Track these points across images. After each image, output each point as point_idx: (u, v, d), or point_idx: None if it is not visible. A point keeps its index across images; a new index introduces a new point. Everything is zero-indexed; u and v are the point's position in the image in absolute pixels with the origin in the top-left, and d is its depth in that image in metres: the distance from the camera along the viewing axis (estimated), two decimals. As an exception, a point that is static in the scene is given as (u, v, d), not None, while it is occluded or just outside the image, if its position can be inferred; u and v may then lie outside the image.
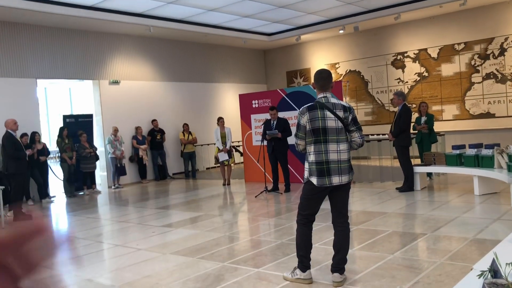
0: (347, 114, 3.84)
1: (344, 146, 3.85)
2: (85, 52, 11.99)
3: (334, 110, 3.82)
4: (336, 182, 3.81)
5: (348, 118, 3.84)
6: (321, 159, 3.81)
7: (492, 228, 5.38)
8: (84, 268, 5.01)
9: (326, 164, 3.80)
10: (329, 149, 3.81)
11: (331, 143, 3.81)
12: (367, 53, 14.70)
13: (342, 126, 3.84)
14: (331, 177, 3.80)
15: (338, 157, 3.82)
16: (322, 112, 3.83)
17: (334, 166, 3.80)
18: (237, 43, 15.26)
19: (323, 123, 3.81)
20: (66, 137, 10.82)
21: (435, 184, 9.03)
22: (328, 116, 3.81)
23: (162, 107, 13.72)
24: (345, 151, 3.85)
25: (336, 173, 3.80)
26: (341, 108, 3.85)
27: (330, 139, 3.81)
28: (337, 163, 3.81)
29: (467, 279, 1.91)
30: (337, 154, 3.82)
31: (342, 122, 3.82)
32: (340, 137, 3.84)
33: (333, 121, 3.81)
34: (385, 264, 4.34)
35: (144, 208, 8.63)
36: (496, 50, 12.36)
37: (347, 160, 3.86)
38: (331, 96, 3.92)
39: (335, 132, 3.82)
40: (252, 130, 11.13)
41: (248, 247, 5.41)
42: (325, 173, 3.80)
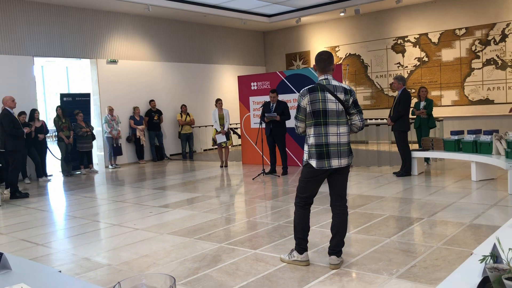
0: (348, 96, 3.80)
1: (344, 129, 3.82)
2: (82, 31, 11.85)
3: (335, 92, 3.78)
4: (336, 165, 3.79)
5: (349, 100, 3.81)
6: (321, 142, 3.78)
7: (489, 214, 5.40)
8: (81, 247, 5.02)
9: (326, 146, 3.77)
10: (329, 132, 3.78)
11: (331, 126, 3.78)
12: (368, 37, 14.59)
13: (342, 109, 3.80)
14: (330, 160, 3.78)
15: (338, 140, 3.79)
16: (323, 94, 3.78)
17: (333, 149, 3.78)
18: (236, 24, 15.11)
19: (323, 105, 3.77)
20: (62, 116, 10.75)
21: (433, 169, 9.05)
22: (328, 99, 3.77)
23: (160, 87, 13.63)
24: (345, 134, 3.82)
25: (335, 156, 3.78)
26: (342, 90, 3.80)
27: (330, 121, 3.78)
28: (336, 146, 3.78)
29: (467, 264, 1.91)
30: (337, 136, 3.79)
31: (342, 104, 3.79)
32: (340, 119, 3.80)
33: (333, 104, 3.78)
34: (382, 247, 4.36)
35: (141, 189, 8.63)
36: (498, 36, 12.28)
37: (346, 143, 3.83)
38: (332, 78, 3.87)
39: (336, 114, 3.78)
40: (250, 113, 11.09)
41: (245, 228, 5.42)
42: (324, 155, 3.77)
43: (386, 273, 3.69)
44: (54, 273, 2.04)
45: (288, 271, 3.85)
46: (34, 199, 8.17)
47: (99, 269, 4.23)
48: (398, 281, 3.51)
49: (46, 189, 9.40)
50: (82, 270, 4.21)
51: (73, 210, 7.04)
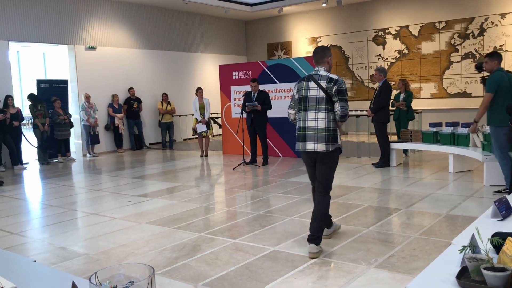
0: (330, 85, 3.93)
1: (322, 115, 3.94)
2: (60, 15, 11.56)
3: (318, 81, 3.97)
4: (311, 149, 3.97)
5: (331, 89, 3.92)
6: (300, 125, 4.05)
7: (465, 205, 5.50)
8: (57, 236, 4.93)
9: (303, 130, 4.02)
10: (307, 117, 4.00)
11: (310, 111, 3.99)
12: (349, 28, 14.63)
13: (324, 96, 3.94)
14: (306, 143, 4.00)
15: (316, 125, 3.95)
16: (307, 82, 4.04)
17: (310, 133, 3.97)
18: (218, 13, 14.96)
19: (305, 92, 4.02)
20: (38, 103, 10.51)
21: (411, 161, 9.17)
22: (311, 86, 4.00)
23: (139, 75, 13.44)
24: (323, 119, 3.94)
25: (312, 140, 3.96)
26: (325, 79, 3.97)
27: (310, 107, 4.00)
28: (314, 130, 3.96)
29: (447, 253, 1.92)
30: (314, 122, 3.96)
31: (325, 92, 3.93)
32: (320, 106, 3.96)
33: (314, 91, 3.98)
34: (361, 237, 4.39)
35: (119, 177, 8.53)
36: (476, 30, 12.45)
37: (324, 129, 3.93)
38: (323, 69, 4.07)
39: (315, 101, 3.97)
40: (231, 102, 11.03)
41: (225, 218, 5.40)
42: (301, 138, 4.03)
43: (364, 262, 3.72)
44: (29, 263, 1.99)
45: (268, 261, 3.85)
46: (9, 187, 7.99)
47: (76, 258, 4.16)
48: (377, 271, 3.54)
49: (22, 177, 9.21)
50: (58, 260, 4.14)
51: (50, 198, 6.91)
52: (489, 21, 12.22)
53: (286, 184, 7.20)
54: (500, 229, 2.13)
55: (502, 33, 12.07)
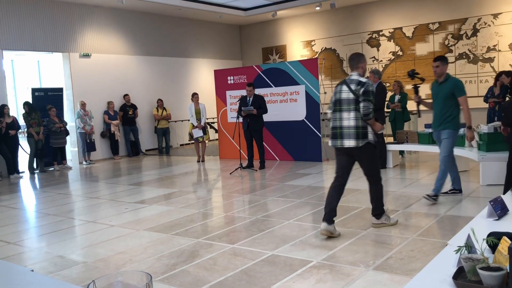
0: (358, 87, 4.46)
1: (353, 115, 4.48)
2: (54, 24, 11.57)
3: (349, 84, 4.52)
4: (346, 145, 4.52)
5: (359, 90, 4.44)
6: (336, 125, 4.60)
7: (462, 205, 5.52)
8: (55, 244, 4.91)
9: (340, 129, 4.56)
10: (342, 117, 4.55)
11: (343, 112, 4.54)
12: (343, 31, 14.68)
13: (353, 98, 4.47)
14: (342, 140, 4.55)
15: (348, 124, 4.50)
16: (341, 86, 4.61)
17: (345, 131, 4.51)
18: (212, 18, 14.99)
19: (339, 95, 4.59)
20: (31, 112, 10.47)
21: (407, 162, 9.19)
22: (343, 90, 4.56)
23: (134, 81, 13.44)
24: (353, 118, 4.47)
25: (346, 137, 4.51)
26: (355, 82, 4.50)
27: (343, 108, 4.55)
28: (347, 128, 4.51)
29: (443, 254, 1.93)
30: (347, 121, 4.51)
31: (354, 94, 4.46)
32: (351, 106, 4.49)
33: (346, 93, 4.53)
34: (359, 240, 4.40)
35: (116, 185, 8.51)
36: (469, 30, 12.52)
37: (354, 127, 4.47)
38: (356, 74, 4.59)
39: (347, 102, 4.52)
40: (227, 107, 11.04)
41: (222, 223, 5.40)
42: (338, 136, 4.57)
43: (363, 265, 3.72)
44: (26, 272, 1.99)
45: (266, 265, 3.85)
46: (6, 196, 7.96)
47: (74, 267, 4.15)
48: (375, 273, 3.55)
49: (18, 186, 9.17)
50: (56, 269, 4.12)
51: (47, 207, 6.89)
52: (482, 21, 12.29)
53: (284, 187, 7.20)
54: (496, 228, 2.14)
55: (495, 33, 12.14)
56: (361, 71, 4.61)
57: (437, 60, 5.75)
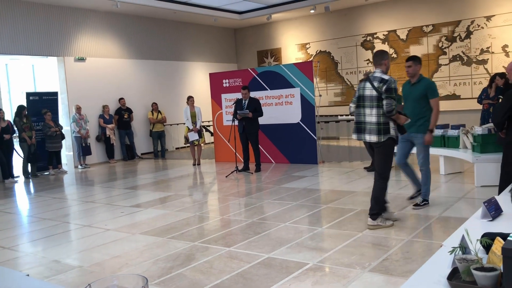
0: (381, 84, 4.61)
1: (375, 111, 4.66)
2: (49, 28, 11.54)
3: (372, 81, 4.67)
4: (367, 139, 4.76)
5: (381, 88, 4.60)
6: (359, 120, 4.83)
7: (457, 207, 5.54)
8: (50, 249, 4.90)
9: (363, 124, 4.79)
10: (364, 113, 4.77)
11: (366, 108, 4.74)
12: (337, 34, 14.73)
13: (376, 95, 4.63)
14: (364, 134, 4.79)
15: (370, 120, 4.70)
16: (364, 83, 4.79)
17: (367, 127, 4.74)
18: (207, 21, 15.01)
19: (362, 91, 4.78)
20: (24, 116, 10.43)
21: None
22: (366, 86, 4.73)
23: (129, 85, 13.43)
24: (375, 115, 4.66)
25: (368, 132, 4.74)
26: (378, 80, 4.65)
27: (365, 104, 4.74)
28: (369, 124, 4.72)
29: (438, 255, 1.94)
30: (370, 117, 4.70)
31: (376, 91, 4.63)
32: (373, 103, 4.67)
33: (369, 90, 4.70)
34: (354, 242, 4.41)
35: (112, 188, 8.49)
36: (463, 33, 12.59)
37: (376, 123, 4.67)
38: (379, 71, 4.73)
39: (369, 99, 4.70)
40: (222, 110, 11.05)
41: (218, 226, 5.40)
42: (361, 130, 4.81)
43: (359, 267, 3.73)
44: (22, 277, 1.98)
45: (263, 268, 3.85)
46: (1, 201, 7.93)
47: (70, 271, 4.13)
48: (371, 275, 3.56)
49: (13, 190, 9.13)
50: (52, 273, 4.11)
51: (42, 211, 6.86)
52: (475, 23, 12.37)
53: (279, 190, 7.21)
54: (490, 229, 2.16)
55: (488, 35, 12.22)
56: (384, 68, 4.75)
57: (409, 60, 5.54)
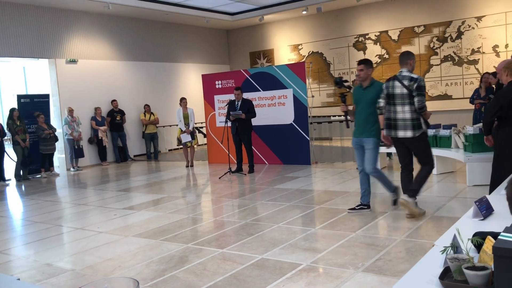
0: (411, 83, 4.88)
1: (407, 108, 4.92)
2: (40, 30, 11.48)
3: (402, 80, 4.93)
4: (401, 135, 4.98)
5: (412, 86, 4.87)
6: (390, 117, 5.04)
7: (449, 206, 5.57)
8: (42, 252, 4.86)
9: (394, 120, 5.01)
10: (396, 110, 4.98)
11: (397, 105, 4.97)
12: (329, 35, 14.77)
13: (407, 92, 4.89)
14: (396, 130, 5.01)
15: (403, 116, 4.94)
16: (393, 82, 5.03)
17: (400, 123, 4.96)
18: (199, 22, 14.99)
19: (392, 90, 5.02)
20: (17, 119, 10.36)
21: (395, 164, 9.24)
22: (396, 85, 4.99)
23: (122, 87, 13.38)
24: (408, 111, 4.90)
25: (401, 128, 4.96)
26: (408, 78, 4.92)
27: (396, 102, 4.98)
28: (402, 120, 4.94)
29: (430, 255, 1.95)
30: (402, 114, 4.94)
31: (407, 89, 4.88)
32: (405, 100, 4.93)
33: (399, 89, 4.95)
34: (347, 242, 4.42)
35: (104, 191, 8.45)
36: (454, 33, 12.68)
37: (410, 119, 4.90)
38: (405, 70, 5.00)
39: (401, 97, 4.95)
40: (215, 111, 11.04)
41: (212, 228, 5.39)
42: (392, 127, 5.03)
43: (352, 267, 3.74)
44: (13, 281, 1.97)
45: (256, 269, 3.85)
46: (-8, 204, 7.86)
47: (62, 274, 4.11)
48: (364, 275, 3.57)
49: (4, 193, 9.06)
50: (44, 277, 4.08)
51: (34, 214, 6.81)
52: (466, 24, 12.46)
53: (273, 191, 7.21)
54: (481, 228, 2.17)
55: (479, 36, 12.31)
56: (409, 67, 4.99)
57: (361, 63, 5.37)
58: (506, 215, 2.00)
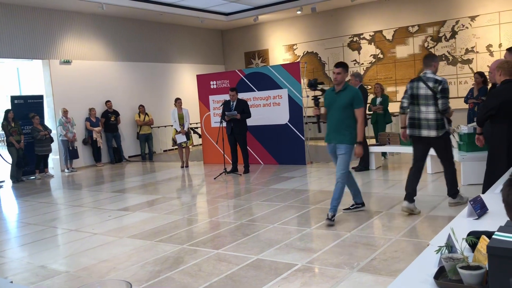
0: (436, 85, 5.03)
1: (431, 108, 5.05)
2: (34, 30, 11.42)
3: (426, 82, 5.08)
4: (425, 134, 5.11)
5: (437, 88, 5.02)
6: (414, 116, 5.18)
7: (444, 205, 5.58)
8: (36, 254, 4.83)
9: (418, 120, 5.15)
10: (420, 110, 5.13)
11: (421, 106, 5.11)
12: (324, 35, 14.79)
13: (431, 94, 5.03)
14: (420, 130, 5.14)
15: (427, 116, 5.08)
16: (417, 83, 5.17)
17: (424, 123, 5.11)
18: (194, 23, 14.96)
19: (416, 91, 5.15)
20: (12, 120, 10.30)
21: (390, 163, 9.27)
22: (420, 86, 5.13)
23: (116, 88, 13.33)
24: (432, 112, 5.03)
25: (425, 127, 5.09)
26: (432, 80, 5.07)
27: (421, 102, 5.12)
28: (426, 120, 5.08)
29: (425, 254, 1.95)
30: (426, 114, 5.08)
31: (432, 91, 5.03)
32: (429, 101, 5.06)
33: (423, 90, 5.10)
34: (343, 242, 4.42)
35: (99, 192, 8.42)
36: (448, 33, 12.72)
37: (434, 119, 5.04)
38: (429, 72, 5.15)
39: (425, 98, 5.09)
40: (210, 112, 11.02)
41: (207, 229, 5.38)
42: (416, 126, 5.17)
43: (347, 267, 3.74)
44: (5, 284, 1.95)
45: (251, 270, 3.84)
46: (-15, 206, 7.81)
47: (56, 276, 4.08)
48: (359, 274, 3.57)
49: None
50: (38, 279, 4.05)
51: (28, 216, 6.77)
52: (460, 23, 12.50)
53: (268, 191, 7.20)
54: (476, 228, 2.17)
55: (473, 35, 12.36)
56: (433, 69, 5.17)
57: (339, 66, 5.17)
58: (500, 214, 2.00)
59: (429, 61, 5.22)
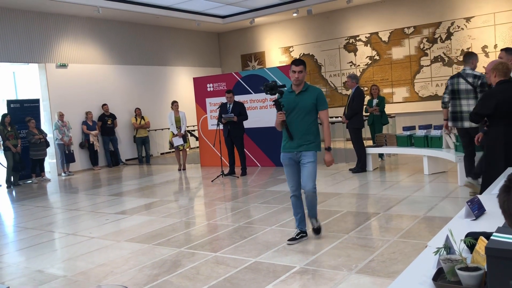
0: (476, 80, 5.72)
1: (472, 102, 5.70)
2: (30, 34, 11.39)
3: (466, 77, 5.77)
4: (467, 126, 5.77)
5: (477, 82, 5.71)
6: (456, 110, 5.92)
7: (441, 206, 5.59)
8: (33, 259, 4.81)
9: (460, 113, 5.87)
10: (461, 104, 5.84)
11: (463, 100, 5.84)
12: (320, 37, 14.81)
13: (471, 88, 5.73)
14: (463, 122, 5.83)
15: (468, 109, 5.69)
16: (457, 79, 5.92)
17: (465, 115, 5.69)
18: (190, 26, 14.97)
19: (457, 86, 5.89)
20: (8, 124, 10.27)
21: (387, 165, 9.29)
22: (460, 82, 5.86)
23: (113, 91, 13.31)
24: (473, 105, 5.53)
25: (467, 119, 5.62)
26: (471, 76, 5.77)
27: (461, 97, 5.85)
28: (467, 112, 5.60)
29: (423, 256, 1.95)
30: (467, 107, 5.75)
31: (471, 85, 5.73)
32: (469, 95, 5.77)
33: (464, 85, 5.81)
34: (341, 243, 4.42)
35: (96, 196, 8.39)
36: (444, 34, 12.76)
37: None
38: (468, 68, 5.86)
39: (465, 92, 5.81)
40: (207, 114, 11.01)
41: (205, 231, 5.37)
42: (459, 119, 5.90)
43: (345, 269, 3.74)
44: (2, 289, 1.94)
45: (249, 272, 3.84)
46: (-18, 211, 7.78)
47: (54, 281, 4.06)
48: (357, 276, 3.56)
49: (-5, 200, 8.97)
50: (35, 284, 4.03)
51: (25, 221, 6.75)
52: (455, 25, 12.55)
53: (265, 194, 7.20)
54: (473, 229, 2.18)
55: (468, 36, 12.40)
56: (472, 66, 5.78)
57: (301, 63, 4.58)
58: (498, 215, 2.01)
59: (469, 58, 5.89)
